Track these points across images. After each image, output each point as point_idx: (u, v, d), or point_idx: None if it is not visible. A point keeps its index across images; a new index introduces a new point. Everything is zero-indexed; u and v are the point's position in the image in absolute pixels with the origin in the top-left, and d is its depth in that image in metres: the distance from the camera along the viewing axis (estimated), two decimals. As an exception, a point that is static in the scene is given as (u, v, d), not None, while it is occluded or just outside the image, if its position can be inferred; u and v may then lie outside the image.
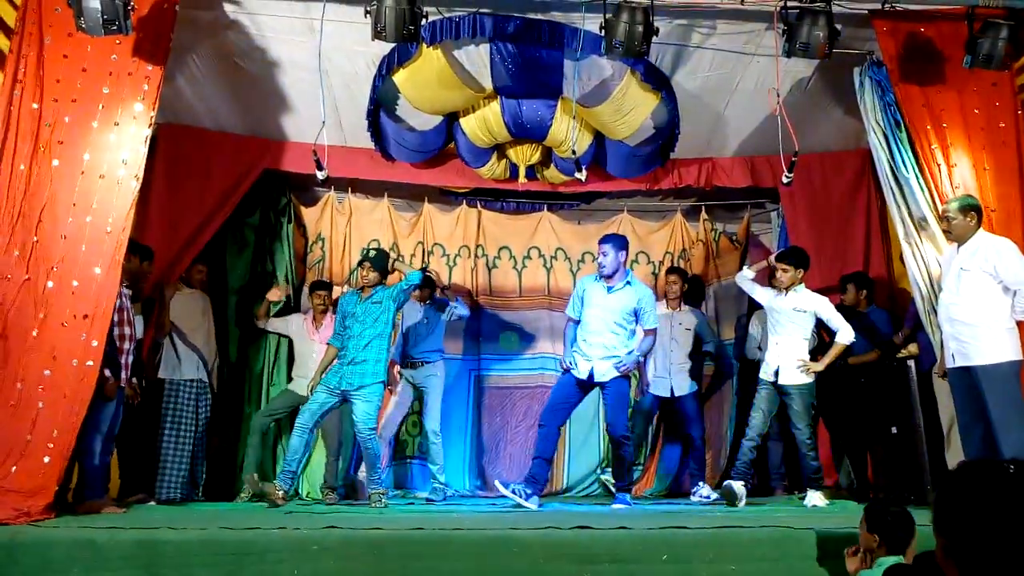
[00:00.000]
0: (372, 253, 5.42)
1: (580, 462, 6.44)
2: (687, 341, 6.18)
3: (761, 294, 5.49)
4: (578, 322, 5.24)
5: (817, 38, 4.45)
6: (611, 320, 5.12)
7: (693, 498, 5.86)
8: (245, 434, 6.01)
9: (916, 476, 5.09)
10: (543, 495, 6.10)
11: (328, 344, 5.42)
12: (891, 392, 5.37)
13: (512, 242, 6.83)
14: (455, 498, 6.02)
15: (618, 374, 5.08)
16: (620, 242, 5.26)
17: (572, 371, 5.12)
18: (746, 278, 5.55)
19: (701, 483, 5.92)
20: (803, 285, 5.30)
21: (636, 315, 5.19)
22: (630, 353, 5.15)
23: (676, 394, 6.10)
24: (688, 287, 6.43)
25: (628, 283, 5.20)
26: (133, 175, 4.35)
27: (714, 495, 5.69)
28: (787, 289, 5.25)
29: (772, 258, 5.48)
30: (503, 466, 6.40)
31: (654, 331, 5.29)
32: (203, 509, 5.17)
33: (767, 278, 5.52)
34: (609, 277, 5.16)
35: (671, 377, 6.11)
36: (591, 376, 5.09)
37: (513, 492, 5.01)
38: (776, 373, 5.18)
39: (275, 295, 5.93)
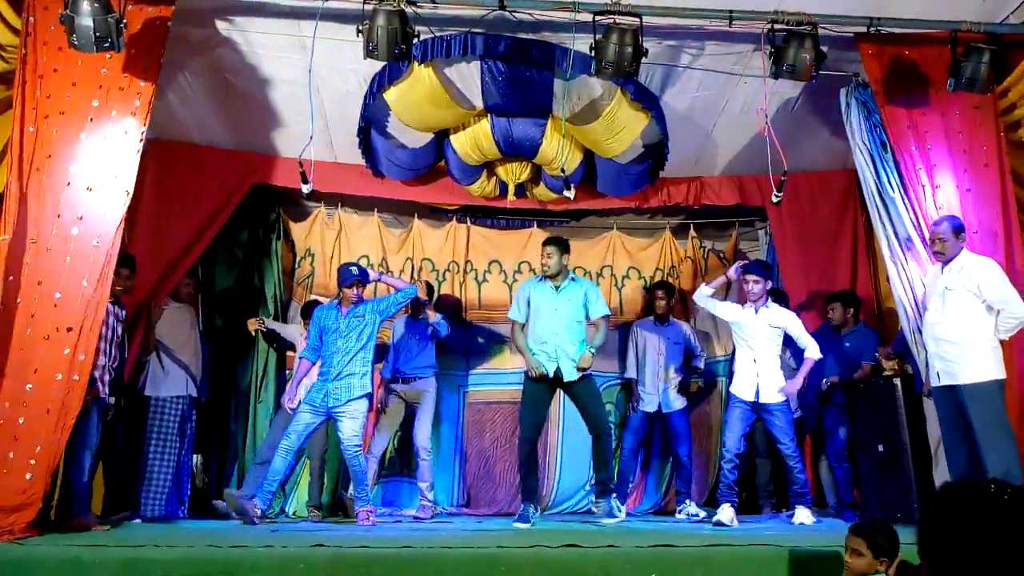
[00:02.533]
0: (355, 270, 5.33)
1: (569, 478, 6.43)
2: (676, 355, 6.21)
3: (726, 310, 5.44)
4: (523, 325, 5.24)
5: (803, 60, 4.52)
6: (564, 318, 5.14)
7: (680, 516, 5.87)
8: (229, 449, 5.97)
9: (903, 494, 5.10)
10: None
11: (301, 358, 5.36)
12: (878, 410, 5.40)
13: (502, 257, 6.86)
14: (443, 515, 6.01)
15: (583, 372, 5.08)
16: (564, 245, 5.30)
17: (540, 372, 5.04)
18: (704, 295, 5.49)
19: (688, 500, 5.93)
20: (770, 300, 5.33)
21: (585, 309, 5.21)
22: (584, 346, 5.13)
23: (664, 410, 6.11)
24: (675, 303, 6.48)
25: (572, 279, 5.26)
26: (124, 188, 4.35)
27: (701, 512, 5.69)
28: (756, 303, 5.25)
29: (732, 272, 5.47)
30: (492, 483, 6.40)
31: (605, 319, 5.26)
32: (189, 527, 5.13)
33: (725, 294, 5.54)
34: (554, 277, 5.19)
35: (660, 393, 6.12)
36: (559, 375, 5.07)
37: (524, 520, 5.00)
38: (756, 392, 5.18)
39: (252, 327, 5.88)
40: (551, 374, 5.09)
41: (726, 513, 5.03)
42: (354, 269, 5.32)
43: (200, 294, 6.14)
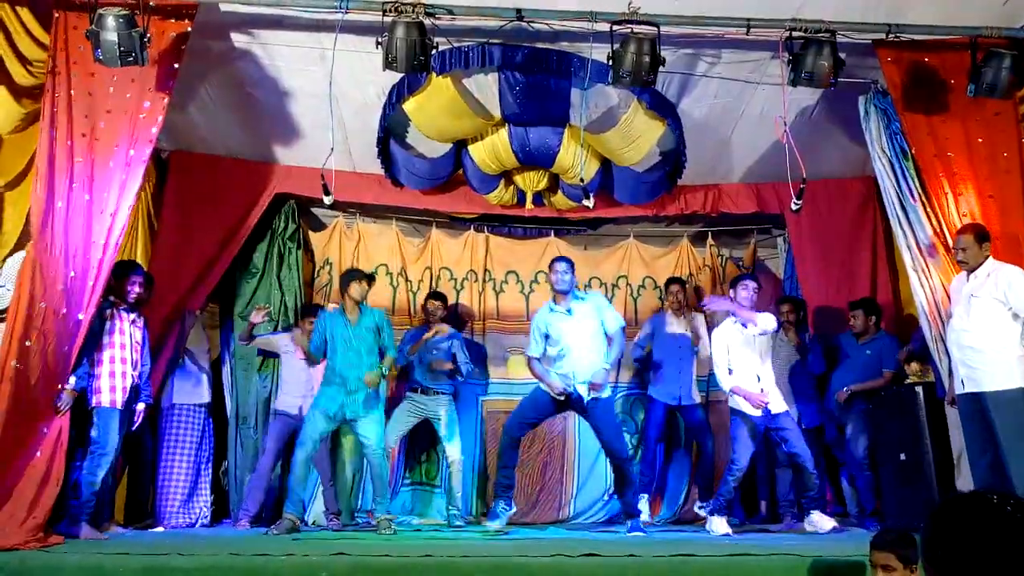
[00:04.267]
0: (353, 271, 5.35)
1: (587, 491, 6.41)
2: (692, 346, 6.19)
3: (725, 339, 5.26)
4: (540, 359, 5.17)
5: (822, 67, 4.52)
6: (587, 336, 5.08)
7: (697, 511, 5.84)
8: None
9: (925, 503, 5.05)
10: (552, 522, 6.12)
11: (310, 354, 5.28)
12: (899, 418, 5.36)
13: (519, 267, 6.86)
14: (463, 524, 6.01)
15: (599, 393, 5.01)
16: (573, 264, 5.30)
17: (563, 389, 4.98)
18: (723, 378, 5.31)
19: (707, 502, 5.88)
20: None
21: (601, 322, 5.14)
22: (605, 369, 5.06)
23: (684, 403, 6.08)
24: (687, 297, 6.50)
25: (579, 298, 5.20)
26: (122, 208, 4.38)
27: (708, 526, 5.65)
28: (753, 313, 5.18)
29: (710, 307, 5.48)
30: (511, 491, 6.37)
31: (622, 330, 5.22)
32: (210, 535, 5.17)
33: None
34: (564, 294, 5.14)
35: (680, 386, 6.09)
36: (577, 398, 5.01)
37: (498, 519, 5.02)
38: (765, 408, 5.08)
39: (257, 317, 5.64)
40: (573, 390, 5.01)
41: (721, 526, 5.04)
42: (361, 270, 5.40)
43: (220, 304, 6.18)
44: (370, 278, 5.39)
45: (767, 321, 5.13)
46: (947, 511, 1.41)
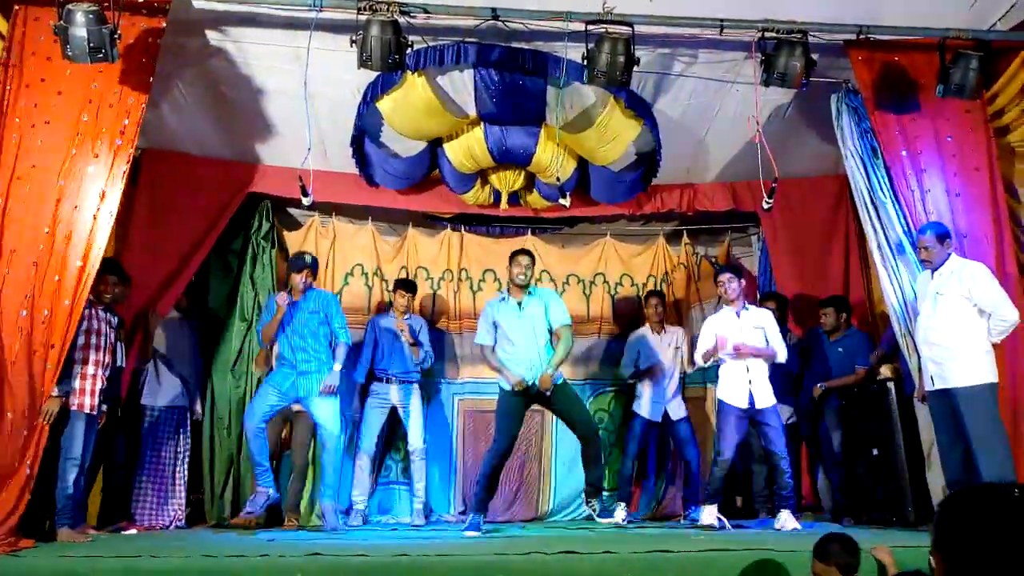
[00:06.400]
0: (310, 259, 5.32)
1: (565, 487, 6.43)
2: (676, 360, 6.22)
3: (714, 328, 5.30)
4: (493, 348, 5.16)
5: (794, 68, 4.57)
6: (535, 332, 5.09)
7: (684, 520, 5.89)
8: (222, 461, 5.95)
9: (897, 498, 5.13)
10: (529, 520, 6.13)
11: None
12: (872, 414, 5.43)
13: (496, 265, 6.85)
14: (439, 523, 6.00)
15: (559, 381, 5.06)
16: (535, 259, 5.34)
17: (521, 382, 4.97)
18: (699, 362, 5.45)
19: (696, 507, 5.91)
20: (746, 302, 5.36)
21: (547, 320, 5.15)
22: (549, 372, 5.05)
23: (672, 418, 6.11)
24: (669, 309, 6.52)
25: (529, 292, 5.18)
26: (109, 210, 4.34)
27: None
28: (735, 305, 5.23)
29: (703, 349, 5.36)
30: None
31: (568, 327, 5.19)
32: (184, 536, 5.12)
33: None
34: (522, 288, 5.14)
35: (666, 402, 6.13)
36: (535, 389, 5.01)
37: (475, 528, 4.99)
38: (750, 398, 5.14)
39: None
40: (530, 382, 5.00)
41: (711, 514, 5.06)
42: (307, 257, 5.34)
43: (194, 304, 6.12)
44: (312, 266, 5.29)
45: (772, 336, 5.19)
46: (959, 501, 1.41)
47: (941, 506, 1.45)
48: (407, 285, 6.24)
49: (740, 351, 5.11)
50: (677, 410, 6.13)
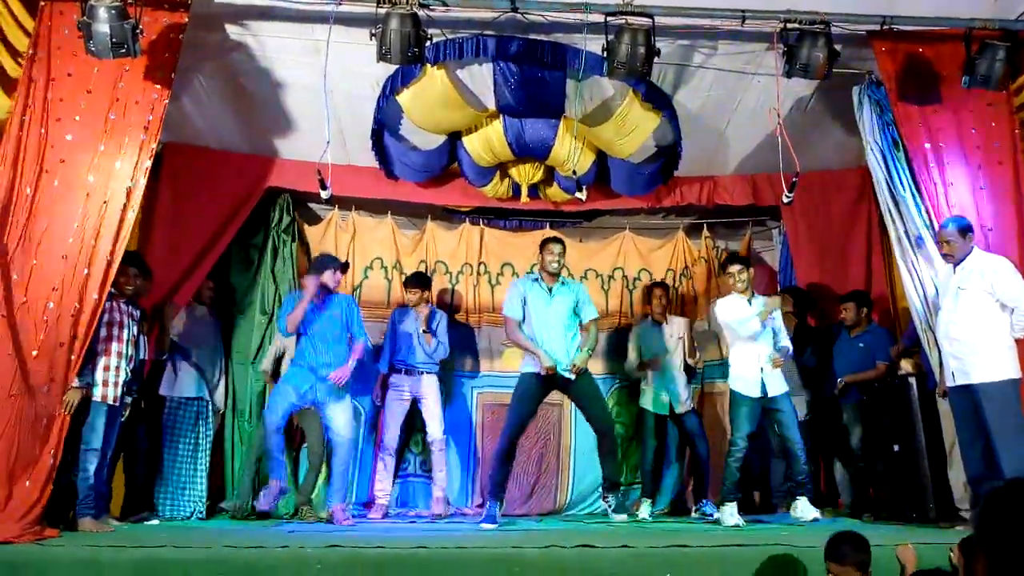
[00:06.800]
0: (335, 259, 5.41)
1: (584, 481, 6.41)
2: (680, 351, 6.19)
3: (730, 312, 5.22)
4: (520, 323, 5.21)
5: (817, 59, 4.52)
6: (558, 321, 5.18)
7: (695, 514, 5.86)
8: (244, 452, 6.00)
9: (918, 494, 5.08)
10: (547, 513, 6.13)
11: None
12: (893, 410, 5.38)
13: (515, 259, 6.85)
14: (457, 515, 6.03)
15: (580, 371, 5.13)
16: (565, 247, 5.37)
17: (551, 365, 5.03)
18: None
19: (706, 500, 5.91)
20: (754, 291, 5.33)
21: (576, 312, 5.27)
22: (579, 351, 5.18)
23: (677, 411, 6.08)
24: (687, 303, 6.49)
25: (562, 283, 5.29)
26: (132, 206, 4.39)
27: (717, 513, 5.68)
28: (746, 293, 5.20)
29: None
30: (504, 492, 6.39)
31: (594, 321, 5.35)
32: (206, 527, 5.18)
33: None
34: (553, 277, 5.21)
35: (671, 394, 6.10)
36: (558, 374, 5.06)
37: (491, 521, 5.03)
38: (762, 387, 5.10)
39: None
40: (560, 368, 5.07)
41: (732, 513, 5.02)
42: (335, 256, 5.48)
43: (217, 297, 6.17)
44: (344, 266, 5.39)
45: (783, 340, 5.20)
46: (1002, 496, 1.40)
47: (985, 500, 1.44)
48: (414, 280, 6.15)
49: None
50: (683, 402, 6.09)
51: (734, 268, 5.26)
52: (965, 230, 4.38)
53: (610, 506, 5.22)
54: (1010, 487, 1.42)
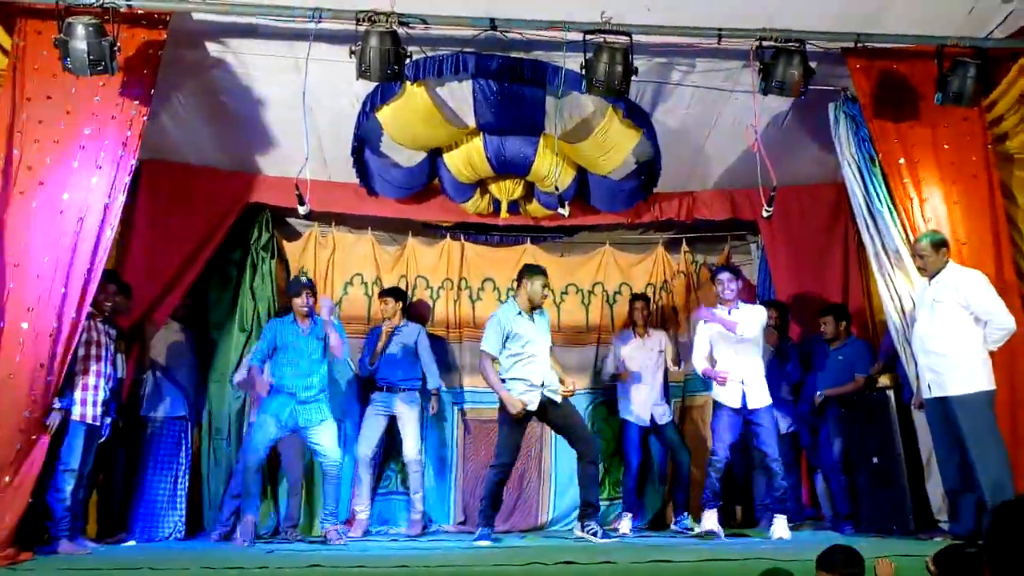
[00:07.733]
0: (304, 279, 5.41)
1: (564, 497, 6.40)
2: (659, 363, 6.21)
3: (708, 330, 5.33)
4: (495, 359, 5.15)
5: (792, 76, 4.57)
6: (546, 345, 5.23)
7: (674, 527, 5.86)
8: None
9: (898, 507, 5.11)
10: (529, 530, 6.10)
11: (251, 365, 5.31)
12: (871, 422, 5.43)
13: (496, 274, 6.85)
14: (439, 533, 5.99)
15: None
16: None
17: (522, 410, 5.01)
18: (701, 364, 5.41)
19: (685, 514, 5.91)
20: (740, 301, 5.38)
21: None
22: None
23: (658, 423, 6.09)
24: (667, 316, 6.51)
25: (541, 312, 5.32)
26: (110, 223, 4.36)
27: (697, 527, 5.68)
28: (730, 304, 5.25)
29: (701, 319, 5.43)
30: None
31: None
32: (183, 548, 5.11)
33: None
34: (535, 308, 5.23)
35: (650, 405, 6.11)
36: (541, 404, 5.08)
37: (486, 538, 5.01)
38: (743, 398, 5.14)
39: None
40: (535, 407, 5.07)
41: (711, 520, 5.02)
42: (303, 278, 5.43)
43: (194, 314, 6.12)
44: (311, 287, 5.33)
45: (749, 323, 5.19)
46: (1009, 512, 1.41)
47: (992, 515, 1.45)
48: (388, 291, 6.22)
49: (724, 380, 5.15)
50: (663, 415, 6.09)
51: (724, 276, 5.32)
52: (939, 245, 4.44)
53: (592, 532, 5.10)
54: (1018, 503, 1.43)
